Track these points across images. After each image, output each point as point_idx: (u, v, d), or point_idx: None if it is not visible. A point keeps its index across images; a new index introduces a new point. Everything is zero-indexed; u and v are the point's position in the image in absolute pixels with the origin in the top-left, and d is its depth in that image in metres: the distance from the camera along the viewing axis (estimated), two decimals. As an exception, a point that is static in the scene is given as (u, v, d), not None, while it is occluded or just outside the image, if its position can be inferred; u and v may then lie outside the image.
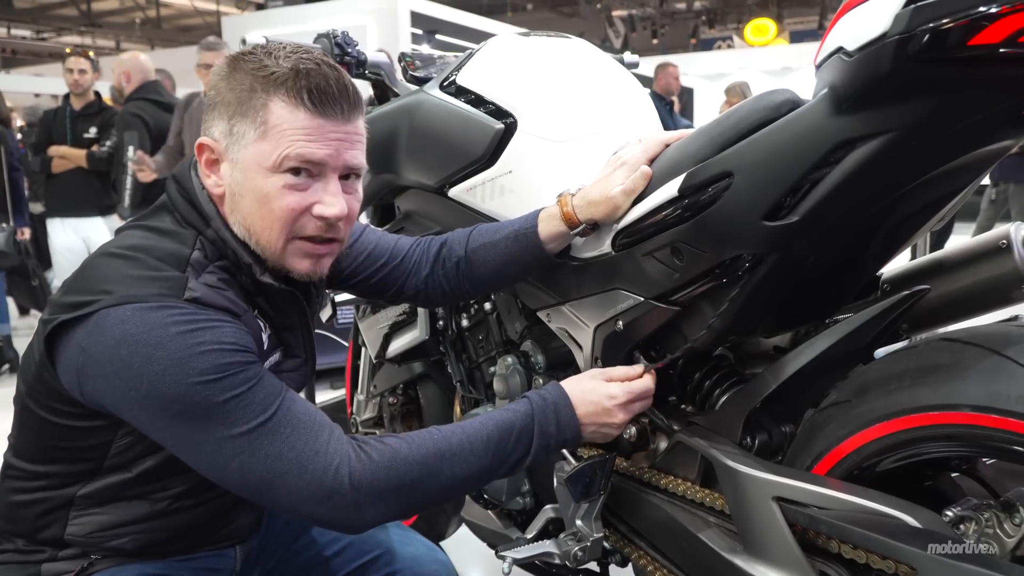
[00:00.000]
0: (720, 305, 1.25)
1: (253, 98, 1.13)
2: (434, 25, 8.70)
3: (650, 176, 1.34)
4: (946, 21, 0.89)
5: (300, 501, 1.09)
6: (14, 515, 1.23)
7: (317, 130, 1.13)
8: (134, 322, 1.04)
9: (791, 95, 1.18)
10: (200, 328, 1.06)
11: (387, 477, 1.11)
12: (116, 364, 1.04)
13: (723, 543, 1.23)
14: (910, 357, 1.08)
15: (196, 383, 1.04)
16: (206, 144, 1.17)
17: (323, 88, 1.13)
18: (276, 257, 1.19)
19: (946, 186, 1.14)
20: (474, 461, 1.17)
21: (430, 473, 1.14)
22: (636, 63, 2.10)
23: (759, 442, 1.28)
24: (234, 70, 1.15)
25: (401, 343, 2.06)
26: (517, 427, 1.21)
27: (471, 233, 1.53)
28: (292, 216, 1.15)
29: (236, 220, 1.18)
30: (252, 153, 1.13)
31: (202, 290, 1.11)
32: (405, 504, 1.15)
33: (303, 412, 1.12)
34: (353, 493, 1.08)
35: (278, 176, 1.13)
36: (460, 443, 1.17)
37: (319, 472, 1.08)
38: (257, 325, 1.20)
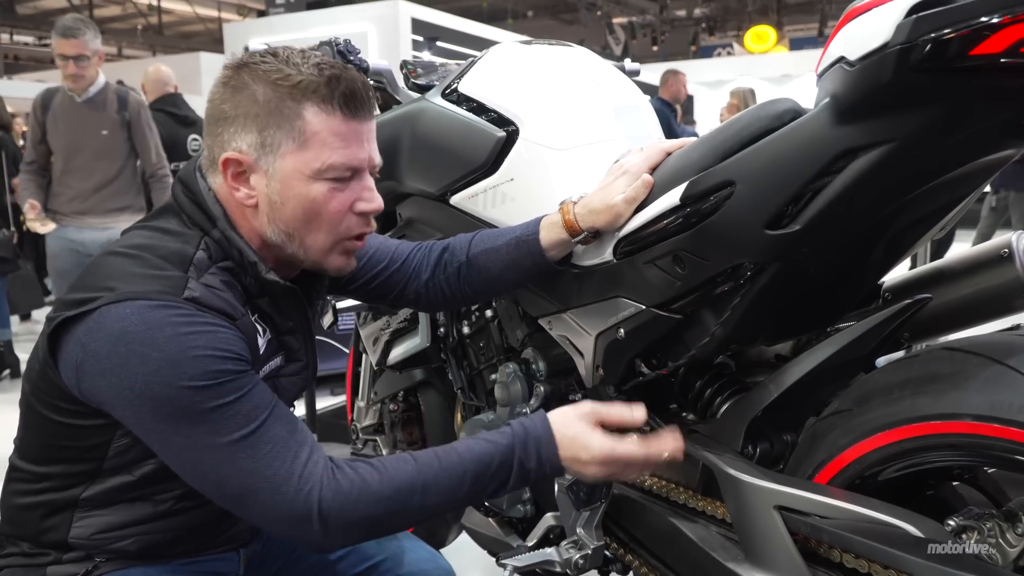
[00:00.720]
0: (722, 313, 1.26)
1: (283, 108, 1.14)
2: (435, 32, 8.71)
3: (651, 185, 1.34)
4: (948, 31, 0.89)
5: (271, 520, 1.10)
6: (19, 518, 1.23)
7: (352, 134, 1.17)
8: (133, 320, 1.05)
9: (793, 104, 1.18)
10: (196, 332, 1.07)
11: (355, 509, 1.10)
12: (113, 361, 1.05)
13: (724, 552, 1.23)
14: (912, 366, 1.08)
15: (185, 387, 1.04)
16: (233, 159, 1.16)
17: (355, 92, 1.17)
18: (319, 257, 1.22)
19: (947, 195, 1.14)
20: (447, 495, 1.16)
21: (400, 507, 1.13)
22: (637, 71, 2.10)
23: (761, 451, 1.28)
24: (250, 80, 1.15)
25: (402, 350, 2.06)
26: (496, 461, 1.17)
27: (473, 238, 1.54)
28: (339, 217, 1.19)
29: (277, 229, 1.19)
30: (292, 162, 1.15)
31: (201, 290, 1.11)
32: (372, 533, 1.16)
33: (287, 429, 1.12)
34: (320, 521, 1.08)
35: (321, 183, 1.16)
36: (436, 476, 1.15)
37: (291, 495, 1.08)
38: (253, 329, 1.19)
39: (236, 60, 1.19)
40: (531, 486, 1.71)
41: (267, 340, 1.24)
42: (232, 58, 1.20)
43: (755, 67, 16.54)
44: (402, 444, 2.25)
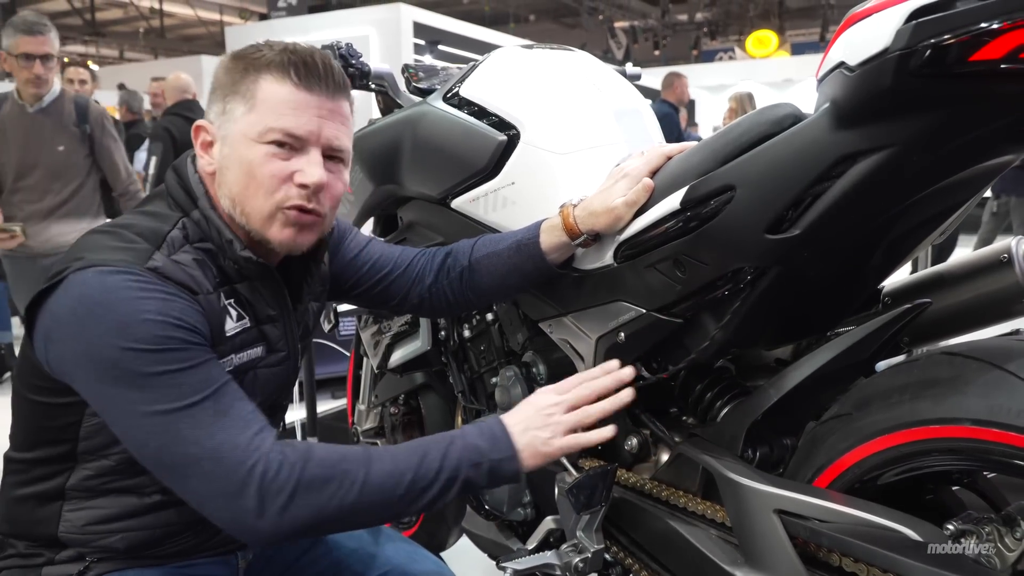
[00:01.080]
0: (722, 317, 1.26)
1: (245, 78, 1.18)
2: (437, 36, 8.72)
3: (652, 189, 1.34)
4: (947, 37, 0.89)
5: (210, 494, 1.07)
6: (14, 513, 1.25)
7: (302, 104, 1.18)
8: (92, 283, 1.07)
9: (793, 109, 1.19)
10: (149, 297, 1.08)
11: (297, 474, 1.07)
12: (72, 324, 1.07)
13: (724, 555, 1.23)
14: (911, 370, 1.08)
15: (129, 349, 1.05)
16: (202, 126, 1.23)
17: (309, 64, 1.18)
18: (259, 226, 1.21)
19: (947, 200, 1.14)
20: (393, 468, 1.12)
21: (342, 475, 1.09)
22: (638, 75, 2.11)
23: (760, 454, 1.28)
24: (232, 60, 1.22)
25: (403, 353, 2.07)
26: (445, 441, 1.17)
27: (475, 243, 1.55)
28: (274, 183, 1.18)
29: (223, 193, 1.22)
30: (240, 126, 1.18)
31: (165, 262, 1.13)
32: (312, 511, 1.08)
33: (236, 406, 1.10)
34: (260, 492, 1.05)
35: (263, 146, 1.17)
36: (382, 451, 1.14)
37: (234, 465, 1.06)
38: (220, 310, 1.19)
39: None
40: (532, 488, 1.71)
41: (242, 327, 1.24)
42: None
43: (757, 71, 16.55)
44: (403, 447, 2.25)
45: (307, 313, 1.43)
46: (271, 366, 1.31)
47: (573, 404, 1.23)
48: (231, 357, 1.22)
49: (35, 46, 3.24)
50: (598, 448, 1.57)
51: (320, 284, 1.47)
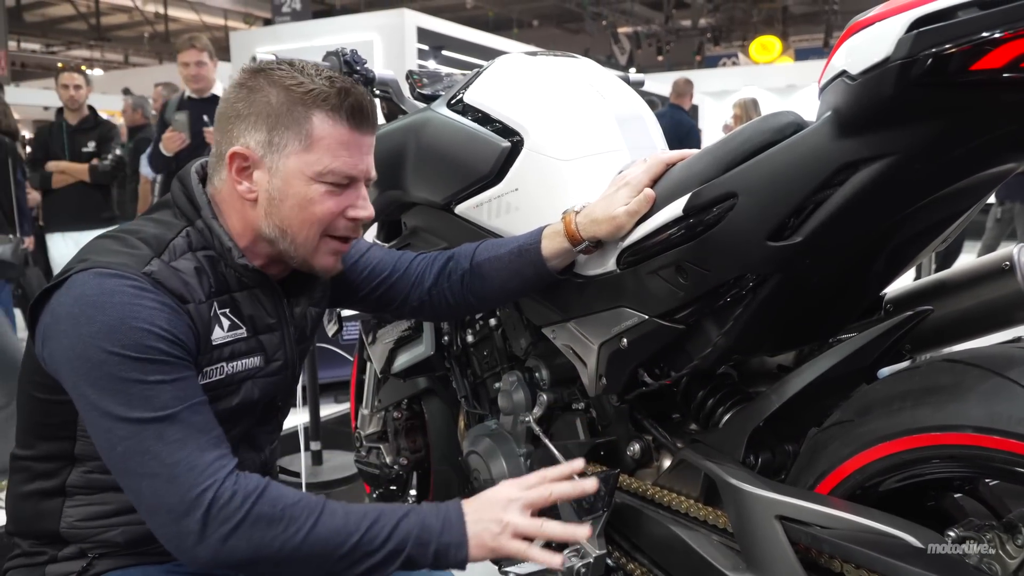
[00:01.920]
0: (724, 324, 1.26)
1: (294, 111, 1.20)
2: (440, 41, 8.72)
3: (653, 199, 1.35)
4: (949, 46, 0.90)
5: (157, 508, 1.08)
6: (19, 510, 1.28)
7: (354, 144, 1.24)
8: (90, 284, 1.11)
9: (795, 117, 1.19)
10: (141, 305, 1.11)
11: (247, 508, 1.08)
12: (67, 321, 1.10)
13: (726, 561, 1.23)
14: (913, 377, 1.08)
15: (113, 353, 1.08)
16: (242, 153, 1.22)
17: (362, 106, 1.24)
18: (307, 254, 1.27)
19: (949, 208, 1.15)
20: (343, 525, 1.11)
21: (290, 519, 1.09)
22: (641, 82, 2.12)
23: (762, 460, 1.29)
24: (266, 83, 1.21)
25: (406, 358, 2.07)
26: (399, 511, 1.15)
27: (477, 247, 1.55)
28: (331, 218, 1.25)
29: (271, 224, 1.25)
30: (295, 163, 1.21)
31: (161, 268, 1.16)
32: (252, 547, 1.08)
33: (202, 428, 1.12)
34: (205, 517, 1.06)
35: (319, 185, 1.22)
36: (335, 507, 1.13)
37: (186, 486, 1.07)
38: (209, 318, 1.21)
39: (254, 65, 1.26)
40: None
41: (236, 336, 1.26)
42: (249, 63, 1.28)
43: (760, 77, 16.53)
44: (405, 452, 2.25)
45: (306, 319, 1.44)
46: (270, 375, 1.32)
47: (532, 504, 1.19)
48: (221, 365, 1.24)
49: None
50: (601, 453, 1.57)
51: (320, 290, 1.48)
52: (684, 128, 7.12)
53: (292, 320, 1.37)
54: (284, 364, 1.35)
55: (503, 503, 1.18)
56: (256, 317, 1.29)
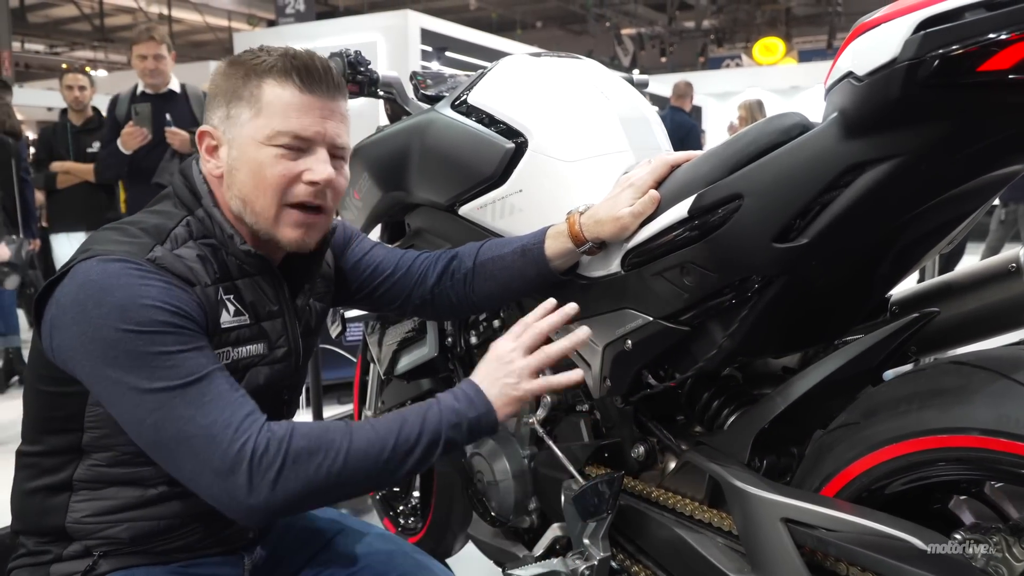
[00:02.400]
0: (729, 326, 1.26)
1: (248, 84, 1.23)
2: (444, 42, 8.73)
3: (658, 201, 1.34)
4: (956, 47, 0.90)
5: (202, 472, 1.10)
6: (24, 507, 1.28)
7: (306, 106, 1.23)
8: (95, 271, 1.12)
9: (801, 118, 1.19)
10: (148, 284, 1.12)
11: (285, 449, 1.10)
12: (74, 309, 1.12)
13: (731, 564, 1.23)
14: (919, 380, 1.08)
15: (129, 331, 1.09)
16: (207, 131, 1.27)
17: (309, 67, 1.23)
18: (269, 225, 1.25)
19: (955, 209, 1.14)
20: (375, 436, 1.15)
21: (328, 444, 1.12)
22: (646, 83, 2.11)
23: (767, 463, 1.28)
24: (231, 66, 1.26)
25: (410, 359, 2.07)
26: (422, 408, 1.20)
27: (481, 247, 1.55)
28: (283, 182, 1.23)
29: (233, 195, 1.26)
30: (247, 130, 1.23)
31: (165, 254, 1.18)
32: (302, 482, 1.10)
33: (228, 388, 1.14)
34: (250, 469, 1.08)
35: (271, 148, 1.22)
36: (362, 424, 1.18)
37: (225, 443, 1.08)
38: (216, 302, 1.23)
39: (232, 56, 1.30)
40: (538, 494, 1.71)
41: (240, 323, 1.27)
42: None
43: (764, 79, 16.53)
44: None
45: (310, 312, 1.44)
46: (274, 363, 1.33)
47: (530, 345, 1.26)
48: (227, 350, 1.25)
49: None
50: (605, 455, 1.57)
51: (324, 285, 1.49)
52: (684, 129, 7.15)
53: (294, 308, 1.38)
54: (288, 351, 1.35)
55: (506, 357, 1.25)
56: (258, 304, 1.30)
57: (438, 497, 2.22)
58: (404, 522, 2.42)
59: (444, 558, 2.27)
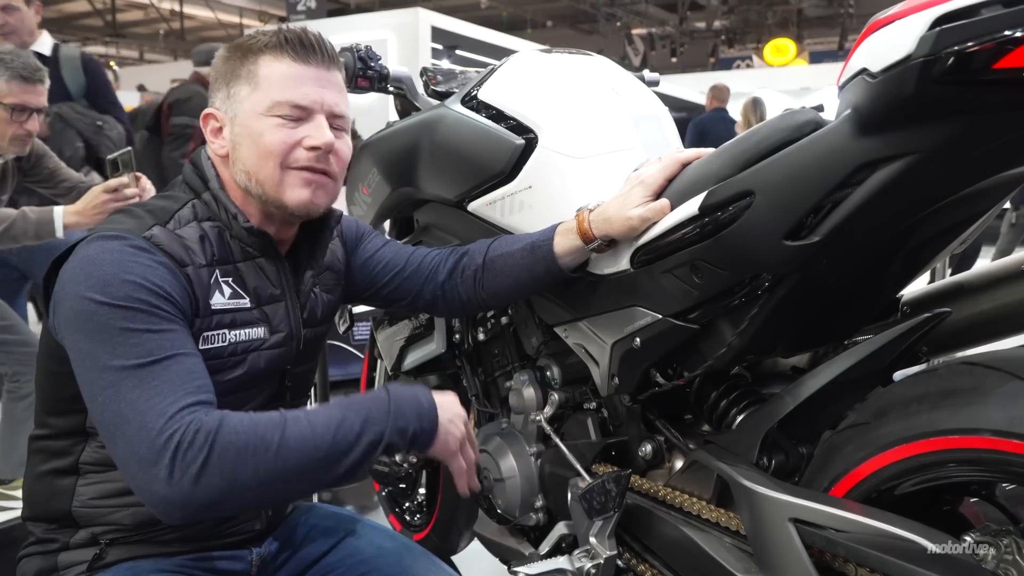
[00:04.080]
0: (739, 324, 1.25)
1: (245, 63, 1.27)
2: (455, 40, 8.74)
3: (668, 208, 1.33)
4: (971, 44, 0.89)
5: (129, 458, 1.05)
6: (34, 492, 1.30)
7: (301, 76, 1.26)
8: (93, 247, 1.15)
9: (813, 115, 1.18)
10: (135, 261, 1.14)
11: (210, 442, 1.04)
12: (70, 283, 1.14)
13: (738, 564, 1.22)
14: (930, 380, 1.07)
15: (104, 303, 1.10)
16: (210, 113, 1.31)
17: (303, 39, 1.27)
18: (275, 190, 1.27)
19: (968, 209, 1.13)
20: (308, 434, 1.09)
21: (257, 444, 1.06)
22: (656, 81, 2.11)
23: (776, 463, 1.28)
24: (228, 49, 1.30)
25: (417, 356, 2.07)
26: (365, 404, 1.15)
27: (491, 244, 1.55)
28: (284, 148, 1.25)
29: (239, 169, 1.28)
30: (247, 105, 1.26)
31: (161, 233, 1.20)
32: (227, 480, 1.04)
33: (182, 378, 1.10)
34: (172, 461, 1.02)
35: (271, 118, 1.25)
36: (299, 416, 1.11)
37: (155, 432, 1.04)
38: (208, 283, 1.23)
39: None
40: (544, 493, 1.71)
41: (238, 305, 1.27)
42: None
43: (774, 80, 16.49)
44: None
45: (317, 301, 1.44)
46: (274, 347, 1.33)
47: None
48: (224, 332, 1.25)
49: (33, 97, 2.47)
50: (612, 453, 1.57)
51: (334, 278, 1.49)
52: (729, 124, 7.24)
53: (297, 292, 1.38)
54: (289, 335, 1.35)
55: (461, 416, 1.27)
56: (259, 288, 1.30)
57: (444, 494, 2.22)
58: (410, 519, 2.42)
59: (450, 555, 2.27)
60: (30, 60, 2.45)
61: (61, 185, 2.85)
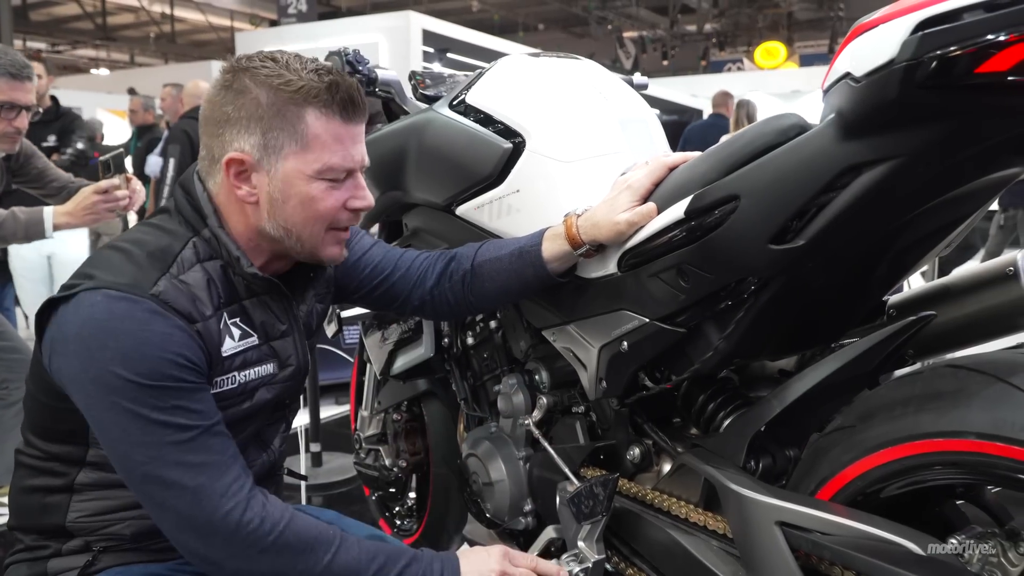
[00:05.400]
0: (726, 328, 1.25)
1: (286, 111, 1.20)
2: (445, 43, 8.74)
3: (655, 213, 1.34)
4: (954, 49, 0.89)
5: (182, 528, 1.13)
6: (23, 503, 1.28)
7: (348, 137, 1.24)
8: (100, 307, 1.12)
9: (798, 119, 1.18)
10: (153, 330, 1.12)
11: (270, 539, 1.14)
12: (77, 344, 1.12)
13: (725, 567, 1.22)
14: (915, 383, 1.07)
15: (130, 381, 1.10)
16: (236, 158, 1.22)
17: (353, 99, 1.24)
18: (314, 249, 1.28)
19: (953, 212, 1.14)
20: (353, 564, 1.18)
21: (309, 553, 1.16)
22: (645, 85, 2.11)
23: (763, 466, 1.28)
24: (252, 84, 1.20)
25: (406, 360, 2.07)
26: (405, 557, 1.22)
27: (479, 248, 1.55)
28: (334, 212, 1.26)
29: (276, 224, 1.25)
30: (294, 163, 1.22)
31: (169, 288, 1.16)
32: (274, 570, 1.15)
33: (220, 450, 1.16)
34: (232, 536, 1.12)
35: (320, 182, 1.23)
36: (350, 544, 1.20)
37: (210, 509, 1.11)
38: (218, 333, 1.22)
39: (234, 63, 1.23)
40: (533, 497, 1.71)
41: (248, 345, 1.27)
42: (229, 62, 1.24)
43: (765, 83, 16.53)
44: (405, 454, 2.25)
45: (312, 315, 1.45)
46: (284, 380, 1.34)
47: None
48: (234, 375, 1.25)
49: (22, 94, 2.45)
50: (600, 457, 1.57)
51: (324, 285, 1.49)
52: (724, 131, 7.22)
53: (301, 321, 1.38)
54: (297, 368, 1.36)
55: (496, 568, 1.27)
56: (267, 324, 1.30)
57: (434, 498, 2.22)
58: (400, 523, 2.42)
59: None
60: (17, 57, 2.46)
61: (50, 185, 2.87)
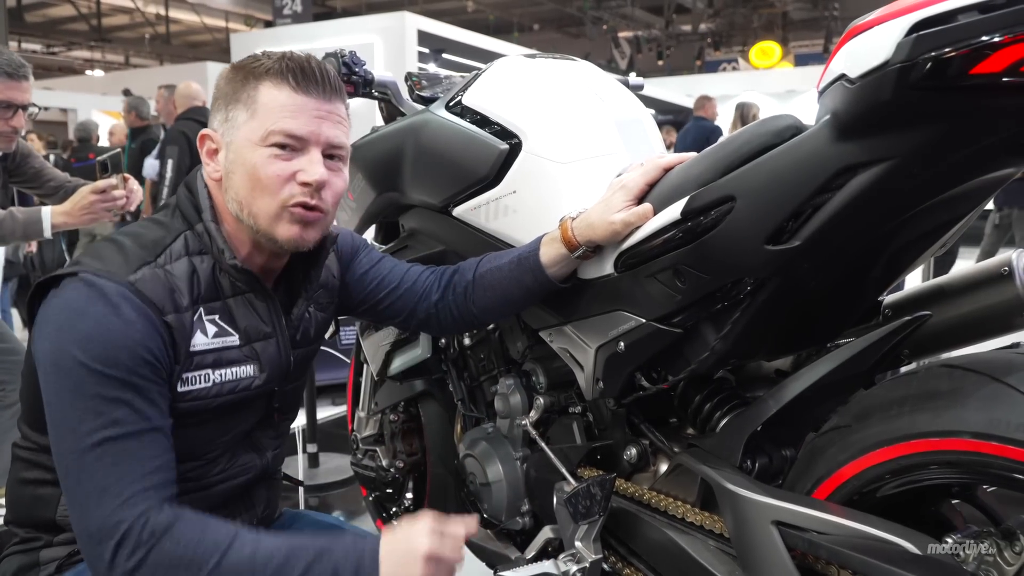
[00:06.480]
0: (722, 328, 1.26)
1: (246, 86, 1.23)
2: (441, 44, 8.75)
3: (651, 213, 1.34)
4: (948, 50, 0.89)
5: (81, 529, 1.10)
6: (17, 498, 1.29)
7: (300, 107, 1.22)
8: (77, 291, 1.13)
9: (794, 121, 1.19)
10: (118, 316, 1.12)
11: (149, 546, 1.06)
12: (52, 326, 1.13)
13: (722, 567, 1.23)
14: (911, 383, 1.08)
15: (82, 363, 1.09)
16: (207, 135, 1.28)
17: (305, 69, 1.23)
18: (267, 225, 1.24)
19: (948, 213, 1.14)
20: (246, 567, 1.08)
21: (191, 561, 1.07)
22: (641, 85, 2.11)
23: (759, 465, 1.28)
24: (231, 70, 1.27)
25: (403, 361, 2.07)
26: (309, 556, 1.11)
27: (480, 260, 1.56)
28: (277, 182, 1.22)
29: (231, 197, 1.25)
30: (243, 132, 1.23)
31: (147, 276, 1.17)
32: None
33: (142, 457, 1.11)
34: (115, 549, 1.06)
35: (265, 149, 1.22)
36: (244, 544, 1.10)
37: (105, 513, 1.07)
38: (189, 325, 1.20)
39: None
40: (530, 497, 1.71)
41: (224, 344, 1.25)
42: None
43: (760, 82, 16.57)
44: (402, 455, 2.25)
45: (310, 320, 1.43)
46: (264, 383, 1.31)
47: (434, 556, 1.14)
48: (207, 372, 1.22)
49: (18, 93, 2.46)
50: (597, 457, 1.57)
51: (327, 296, 1.48)
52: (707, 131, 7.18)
53: (288, 325, 1.36)
54: (281, 372, 1.34)
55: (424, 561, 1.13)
56: (250, 326, 1.28)
57: (431, 499, 2.22)
58: (397, 524, 2.41)
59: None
60: (13, 57, 2.45)
61: (47, 185, 2.87)
